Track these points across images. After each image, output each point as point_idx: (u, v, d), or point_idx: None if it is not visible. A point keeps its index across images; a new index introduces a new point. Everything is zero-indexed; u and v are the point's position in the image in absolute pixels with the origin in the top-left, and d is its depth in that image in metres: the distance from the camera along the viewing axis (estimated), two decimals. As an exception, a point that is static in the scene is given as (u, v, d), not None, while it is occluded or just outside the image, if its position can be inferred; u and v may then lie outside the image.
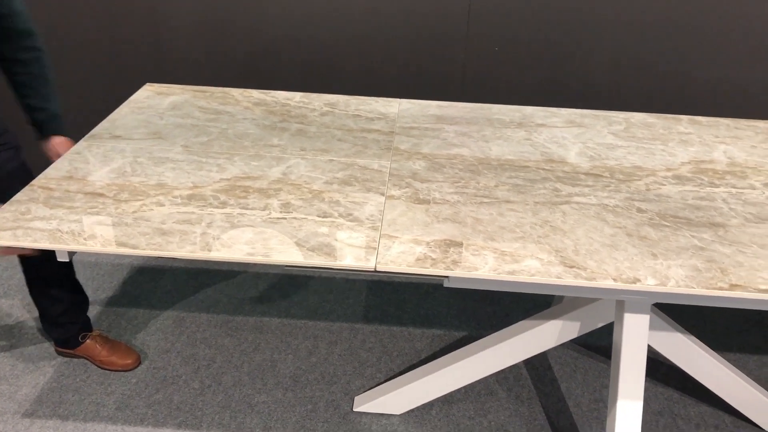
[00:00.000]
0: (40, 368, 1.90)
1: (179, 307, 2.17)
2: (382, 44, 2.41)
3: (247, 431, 1.73)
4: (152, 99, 1.85)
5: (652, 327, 1.61)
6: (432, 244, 1.24)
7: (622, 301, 1.45)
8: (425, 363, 1.93)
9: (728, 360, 2.02)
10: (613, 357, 1.51)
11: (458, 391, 1.88)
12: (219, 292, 2.25)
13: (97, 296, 2.20)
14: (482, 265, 1.19)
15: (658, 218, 1.35)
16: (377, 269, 1.17)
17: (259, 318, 2.14)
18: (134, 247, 1.18)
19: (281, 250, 1.19)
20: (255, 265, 2.40)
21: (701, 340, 2.07)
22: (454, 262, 1.19)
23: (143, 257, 2.41)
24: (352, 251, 1.21)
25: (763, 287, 1.15)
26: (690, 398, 1.89)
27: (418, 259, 1.20)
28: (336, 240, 1.23)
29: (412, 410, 1.81)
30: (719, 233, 1.31)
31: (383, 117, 1.80)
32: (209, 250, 1.18)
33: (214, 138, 1.62)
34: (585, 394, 1.89)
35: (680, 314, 2.23)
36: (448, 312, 2.21)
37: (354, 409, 1.81)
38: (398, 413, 1.80)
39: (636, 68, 2.40)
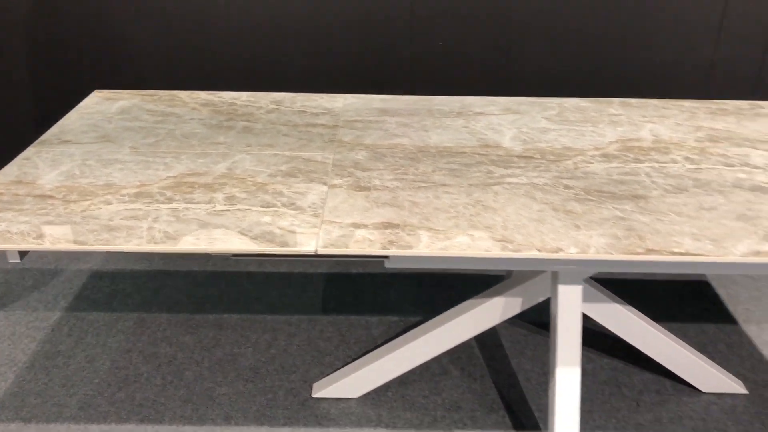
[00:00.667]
0: (1, 374, 1.92)
1: (140, 309, 2.21)
2: (329, 43, 2.48)
3: (209, 422, 1.78)
4: (101, 105, 1.89)
5: (591, 299, 1.70)
6: (371, 227, 1.31)
7: (557, 274, 1.54)
8: (381, 348, 2.00)
9: (670, 329, 2.12)
10: (551, 327, 1.60)
11: (413, 372, 1.95)
12: (179, 293, 2.29)
13: (57, 302, 2.23)
14: (417, 243, 1.26)
15: (583, 193, 1.44)
16: (318, 252, 1.24)
17: (218, 315, 2.19)
18: (83, 243, 1.23)
19: (225, 240, 1.25)
20: (214, 264, 2.44)
21: (645, 312, 2.16)
22: (391, 242, 1.26)
23: (102, 262, 2.44)
24: (293, 237, 1.27)
25: (677, 250, 1.24)
26: (634, 367, 1.98)
27: (356, 241, 1.26)
28: (278, 228, 1.30)
29: (368, 393, 1.87)
30: (640, 204, 1.40)
31: (328, 112, 1.86)
32: (155, 243, 1.23)
33: (162, 138, 1.67)
34: (534, 368, 1.98)
35: (624, 289, 2.33)
36: (404, 299, 2.28)
37: (312, 396, 1.87)
38: (355, 396, 1.86)
39: (573, 56, 2.50)
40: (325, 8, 2.43)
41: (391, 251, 1.24)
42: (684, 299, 2.29)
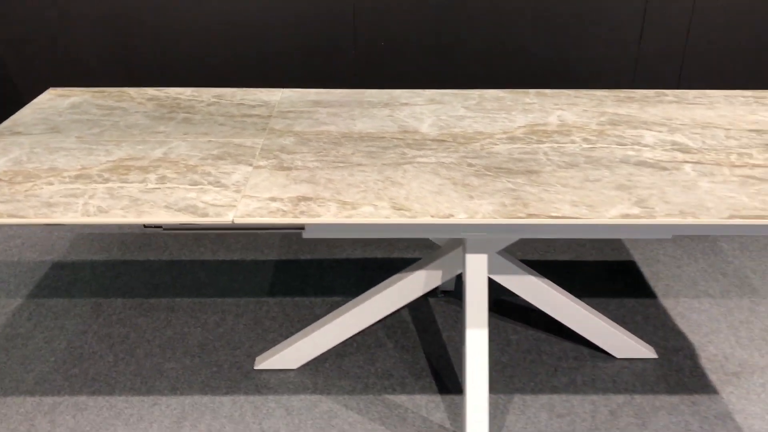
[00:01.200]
0: (-37, 355, 2.05)
1: (97, 295, 2.34)
2: (277, 44, 2.64)
3: (156, 393, 1.92)
4: (54, 101, 2.03)
5: (505, 271, 1.85)
6: (286, 200, 1.46)
7: (465, 243, 1.69)
8: (321, 324, 2.14)
9: (593, 304, 2.27)
10: (462, 292, 1.75)
11: (350, 345, 2.09)
12: (135, 280, 2.42)
13: (18, 291, 2.36)
14: (325, 213, 1.41)
15: (483, 170, 1.60)
16: (234, 222, 1.38)
17: (171, 299, 2.32)
18: (23, 217, 1.37)
19: (151, 213, 1.39)
20: (170, 253, 2.58)
21: (572, 289, 2.31)
22: (302, 212, 1.41)
23: (64, 253, 2.57)
24: (214, 209, 1.42)
25: (554, 214, 1.40)
26: (555, 337, 2.14)
27: (270, 212, 1.41)
28: (202, 202, 1.44)
29: (307, 364, 2.01)
30: (532, 178, 1.56)
31: (265, 104, 2.01)
32: (89, 216, 1.38)
33: (106, 129, 1.82)
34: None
35: (555, 269, 2.49)
36: (347, 282, 2.42)
37: (255, 368, 2.01)
38: (295, 367, 2.00)
39: (508, 54, 2.68)
40: (275, 13, 2.59)
41: (301, 219, 1.39)
42: (610, 277, 2.45)
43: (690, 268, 2.50)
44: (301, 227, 1.51)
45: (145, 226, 1.45)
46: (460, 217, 1.39)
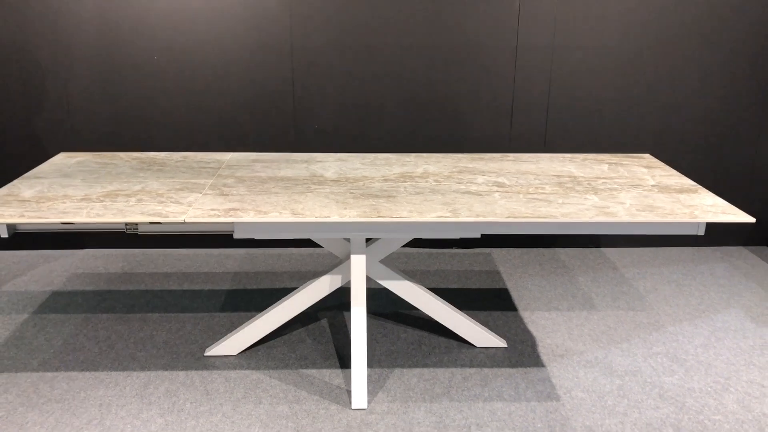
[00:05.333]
0: (-17, 348, 2.71)
1: (86, 311, 3.02)
2: (236, 129, 3.45)
3: (129, 369, 2.58)
4: (64, 159, 2.81)
5: (389, 277, 2.59)
6: (221, 210, 2.22)
7: (350, 245, 2.43)
8: (256, 326, 2.83)
9: (470, 314, 2.98)
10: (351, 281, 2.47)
11: (278, 340, 2.78)
12: (116, 302, 3.12)
13: (25, 309, 3.04)
14: (245, 215, 2.16)
15: (359, 195, 2.37)
16: (186, 221, 2.13)
17: (144, 314, 3.01)
18: (45, 218, 2.11)
19: (130, 215, 2.14)
20: (145, 284, 3.28)
21: (458, 304, 3.02)
22: (230, 216, 2.16)
23: (63, 284, 3.26)
24: (173, 214, 2.16)
25: (395, 216, 2.16)
26: (434, 335, 2.84)
27: (209, 215, 2.16)
28: (165, 210, 2.19)
29: (244, 351, 2.69)
30: (389, 199, 2.33)
31: (217, 161, 2.80)
32: (89, 218, 2.12)
33: (102, 175, 2.58)
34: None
35: (448, 292, 3.21)
36: (282, 303, 3.12)
37: (204, 354, 2.68)
38: (234, 353, 2.68)
39: (411, 130, 3.51)
40: (233, 100, 3.43)
41: (229, 219, 2.14)
42: (485, 299, 3.18)
43: (549, 293, 3.24)
44: (231, 231, 2.25)
45: (126, 225, 2.19)
46: (333, 219, 2.15)
